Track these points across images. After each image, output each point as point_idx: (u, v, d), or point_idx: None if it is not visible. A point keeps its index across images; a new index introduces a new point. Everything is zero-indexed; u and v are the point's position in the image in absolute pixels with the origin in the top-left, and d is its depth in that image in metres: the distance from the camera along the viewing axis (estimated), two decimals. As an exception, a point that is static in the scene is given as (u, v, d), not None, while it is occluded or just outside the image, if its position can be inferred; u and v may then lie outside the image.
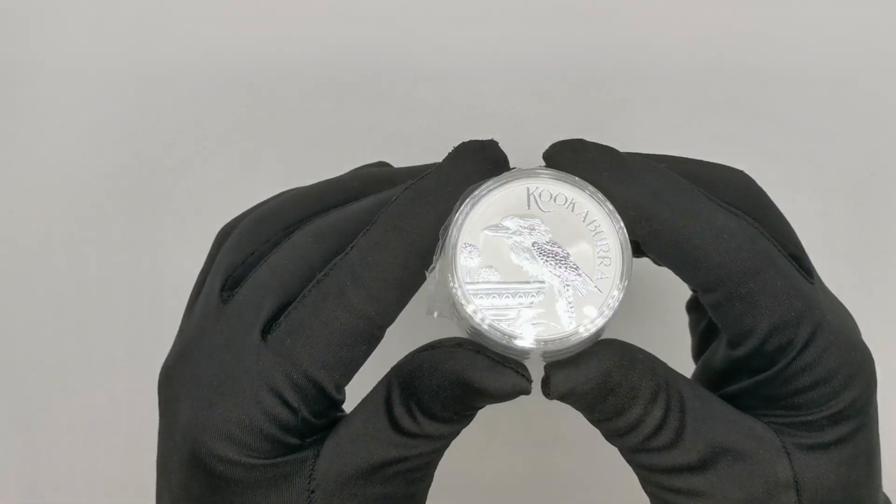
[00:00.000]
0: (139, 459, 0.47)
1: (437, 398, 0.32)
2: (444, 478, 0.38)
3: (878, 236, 0.52)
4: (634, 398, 0.32)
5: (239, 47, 0.50)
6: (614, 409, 0.33)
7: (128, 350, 0.53)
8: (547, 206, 0.32)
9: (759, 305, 0.33)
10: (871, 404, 0.34)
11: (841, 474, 0.33)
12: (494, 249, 0.32)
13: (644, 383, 0.32)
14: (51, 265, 0.53)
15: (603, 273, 0.32)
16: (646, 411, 0.33)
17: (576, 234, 0.32)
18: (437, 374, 0.32)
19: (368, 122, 0.50)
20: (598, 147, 0.33)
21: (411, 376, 0.33)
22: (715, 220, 0.33)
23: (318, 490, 0.33)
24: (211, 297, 0.35)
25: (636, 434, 0.33)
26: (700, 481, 0.33)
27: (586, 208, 0.32)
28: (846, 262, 0.52)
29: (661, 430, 0.33)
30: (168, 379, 0.35)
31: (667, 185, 0.33)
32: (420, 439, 0.33)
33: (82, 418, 0.54)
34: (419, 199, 0.33)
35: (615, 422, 0.33)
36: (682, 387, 0.34)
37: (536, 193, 0.32)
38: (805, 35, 0.50)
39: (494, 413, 0.54)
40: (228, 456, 0.32)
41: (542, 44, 0.50)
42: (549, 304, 0.32)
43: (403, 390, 0.33)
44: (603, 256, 0.32)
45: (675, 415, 0.33)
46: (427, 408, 0.33)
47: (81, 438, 0.54)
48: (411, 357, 0.34)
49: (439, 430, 0.33)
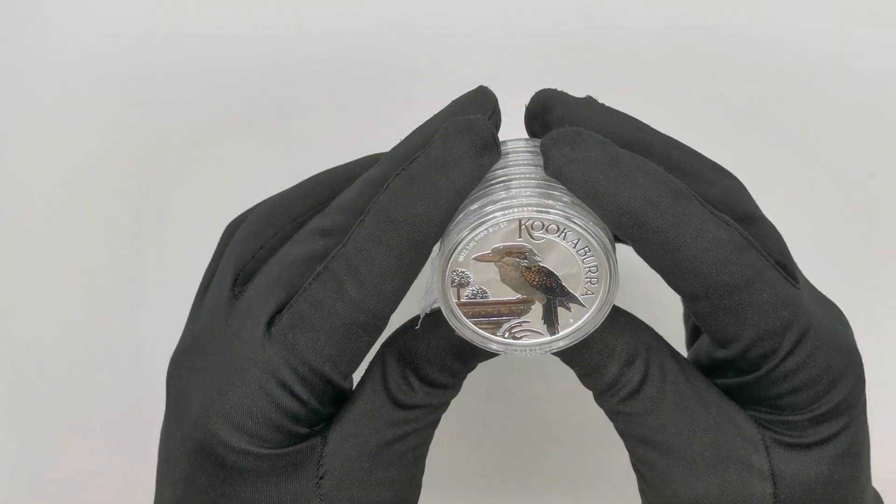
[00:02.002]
0: (139, 459, 0.47)
1: (435, 361, 0.34)
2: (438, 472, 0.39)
3: (877, 236, 0.53)
4: (609, 356, 0.34)
5: (239, 46, 0.50)
6: (590, 364, 0.34)
7: (130, 349, 0.53)
8: (539, 235, 0.33)
9: (743, 317, 0.33)
10: (856, 405, 0.34)
11: (822, 472, 0.34)
12: (484, 276, 0.33)
13: (619, 343, 0.34)
14: (52, 264, 0.53)
15: (589, 290, 0.33)
16: (621, 372, 0.34)
17: (565, 259, 0.33)
18: (435, 336, 0.34)
19: (369, 121, 0.50)
20: (596, 142, 0.33)
21: (407, 345, 0.34)
22: (705, 231, 0.33)
23: (327, 476, 0.34)
24: (222, 291, 0.36)
25: (613, 394, 0.34)
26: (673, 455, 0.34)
27: (577, 236, 0.33)
28: (846, 263, 0.52)
29: (637, 394, 0.34)
30: (177, 370, 0.36)
31: (661, 190, 0.32)
32: (417, 410, 0.34)
33: (82, 418, 0.54)
34: (410, 187, 0.32)
35: (594, 379, 0.35)
36: (667, 358, 0.34)
37: (528, 224, 0.33)
38: (802, 32, 0.50)
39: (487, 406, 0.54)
40: (239, 446, 0.33)
41: (544, 43, 0.50)
42: (535, 318, 0.34)
43: (399, 361, 0.34)
44: (591, 276, 0.33)
45: (654, 384, 0.34)
46: (424, 373, 0.34)
47: (81, 438, 0.54)
48: (402, 329, 0.35)
49: (434, 397, 0.35)
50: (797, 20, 0.50)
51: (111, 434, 0.54)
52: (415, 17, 0.50)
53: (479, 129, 0.32)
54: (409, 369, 0.34)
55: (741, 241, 0.33)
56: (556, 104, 0.35)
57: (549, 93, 0.36)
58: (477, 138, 0.32)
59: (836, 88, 0.50)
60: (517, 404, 0.54)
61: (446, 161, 0.32)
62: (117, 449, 0.54)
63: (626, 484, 0.40)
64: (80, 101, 0.51)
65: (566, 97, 0.35)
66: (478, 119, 0.33)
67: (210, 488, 0.33)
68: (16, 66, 0.50)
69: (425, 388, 0.34)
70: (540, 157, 0.33)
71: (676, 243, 0.33)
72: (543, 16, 0.50)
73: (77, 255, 0.52)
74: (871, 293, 0.53)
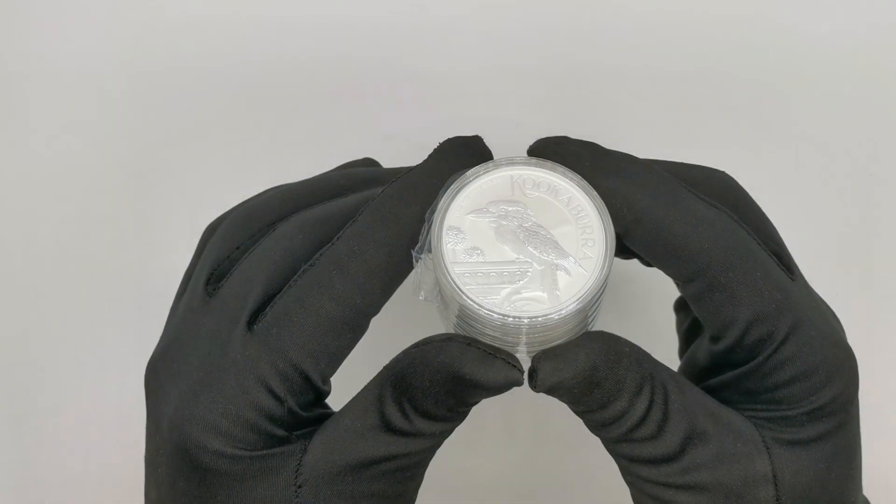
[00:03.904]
0: (138, 459, 0.47)
1: (430, 394, 0.32)
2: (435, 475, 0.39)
3: (877, 237, 0.52)
4: (620, 391, 0.32)
5: (235, 48, 0.50)
6: (599, 401, 0.33)
7: (128, 349, 0.53)
8: (531, 192, 0.33)
9: (738, 296, 0.33)
10: (852, 403, 0.34)
11: (820, 471, 0.33)
12: (479, 233, 0.33)
13: (630, 376, 0.32)
14: (51, 264, 0.53)
15: (587, 253, 0.33)
16: (630, 403, 0.33)
17: (559, 217, 0.33)
18: (429, 369, 0.32)
19: (362, 122, 0.51)
20: (582, 142, 0.34)
21: (403, 374, 0.33)
22: (695, 210, 0.33)
23: (306, 485, 0.33)
24: (196, 291, 0.36)
25: (619, 425, 0.33)
26: (679, 473, 0.33)
27: (569, 193, 0.33)
28: (846, 263, 0.52)
29: (644, 422, 0.33)
30: (154, 373, 0.35)
31: (648, 176, 0.34)
32: (412, 438, 0.33)
33: (82, 418, 0.54)
34: (405, 191, 0.33)
35: (599, 413, 0.33)
36: (666, 379, 0.34)
37: (520, 181, 0.33)
38: (801, 33, 0.50)
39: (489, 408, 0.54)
40: (215, 447, 0.32)
41: (535, 47, 0.50)
42: (534, 283, 0.33)
43: (396, 388, 0.33)
44: (587, 238, 0.33)
45: (659, 407, 0.33)
46: (420, 405, 0.33)
47: (81, 438, 0.54)
48: (402, 355, 0.34)
49: (432, 428, 0.33)
50: (797, 21, 0.50)
51: (111, 434, 0.54)
52: (411, 18, 0.50)
53: (475, 143, 0.33)
54: (404, 398, 0.33)
55: (731, 222, 0.34)
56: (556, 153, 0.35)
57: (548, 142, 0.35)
58: (473, 151, 0.33)
59: (837, 90, 0.51)
60: (516, 407, 0.54)
61: (443, 171, 0.33)
62: (118, 449, 0.55)
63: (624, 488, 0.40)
64: (76, 103, 0.51)
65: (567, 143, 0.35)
66: (475, 137, 0.34)
67: (189, 491, 0.33)
68: (14, 66, 0.51)
69: (420, 419, 0.33)
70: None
71: (667, 222, 0.33)
72: (545, 19, 0.50)
73: (73, 254, 0.53)
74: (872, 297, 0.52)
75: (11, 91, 0.51)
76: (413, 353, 0.33)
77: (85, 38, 0.50)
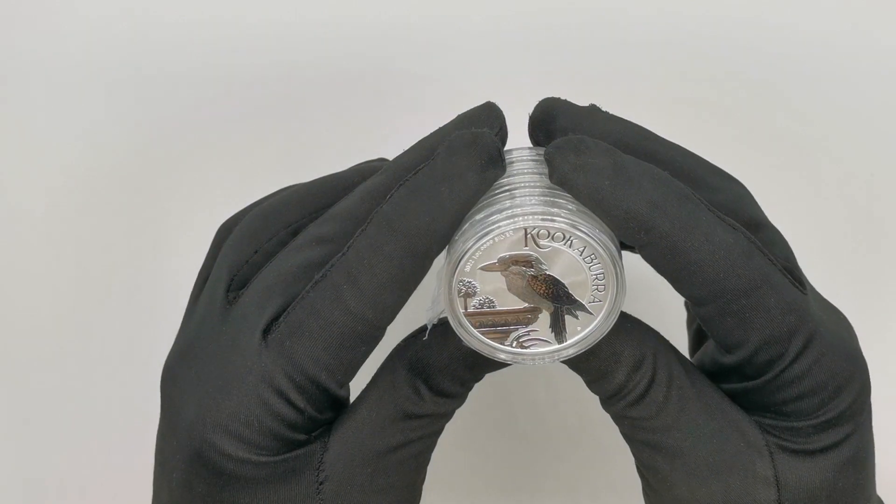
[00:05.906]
0: (139, 459, 0.47)
1: (447, 371, 0.34)
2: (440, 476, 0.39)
3: (877, 237, 0.53)
4: (617, 362, 0.34)
5: (239, 46, 0.50)
6: (598, 370, 0.34)
7: (128, 349, 0.53)
8: (544, 244, 0.33)
9: (750, 322, 0.33)
10: (862, 412, 0.34)
11: (826, 480, 0.34)
12: (491, 286, 0.33)
13: (627, 349, 0.34)
14: (48, 265, 0.53)
15: (596, 297, 0.33)
16: (628, 377, 0.34)
17: (572, 265, 0.33)
18: (448, 346, 0.34)
19: (368, 121, 0.51)
20: (600, 149, 0.32)
21: (418, 355, 0.34)
22: (713, 234, 0.33)
23: (328, 482, 0.33)
24: (215, 297, 0.35)
25: (619, 399, 0.34)
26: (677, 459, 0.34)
27: (583, 244, 0.32)
28: (845, 264, 0.52)
29: (643, 398, 0.34)
30: (172, 377, 0.35)
31: (667, 194, 0.32)
32: (425, 419, 0.34)
33: (82, 418, 0.54)
34: (413, 198, 0.32)
35: (601, 384, 0.35)
36: (674, 363, 0.34)
37: (534, 233, 0.32)
38: (802, 32, 0.50)
39: (489, 410, 0.54)
40: (236, 454, 0.33)
41: (544, 42, 0.50)
42: (542, 327, 0.34)
43: (410, 370, 0.34)
44: (597, 284, 0.33)
45: (661, 388, 0.34)
46: (436, 383, 0.34)
47: (81, 438, 0.54)
48: (413, 338, 0.35)
49: (442, 406, 0.35)
50: (798, 21, 0.50)
51: (111, 435, 0.54)
52: (415, 19, 0.50)
53: (485, 142, 0.32)
54: (419, 379, 0.34)
55: (748, 245, 0.33)
56: (560, 113, 0.35)
57: (552, 101, 0.36)
58: (482, 152, 0.32)
59: (838, 92, 0.51)
60: (519, 409, 0.54)
61: (450, 173, 0.32)
62: (118, 449, 0.55)
63: (629, 489, 0.40)
64: (77, 102, 0.51)
65: (570, 106, 0.35)
66: (484, 133, 0.32)
67: (208, 495, 0.33)
68: (12, 66, 0.50)
69: (434, 398, 0.34)
70: (544, 166, 0.33)
71: (683, 247, 0.32)
72: (546, 20, 0.50)
73: (74, 257, 0.52)
74: (875, 299, 0.53)
75: (11, 91, 0.50)
76: (428, 337, 0.34)
77: (87, 38, 0.50)
